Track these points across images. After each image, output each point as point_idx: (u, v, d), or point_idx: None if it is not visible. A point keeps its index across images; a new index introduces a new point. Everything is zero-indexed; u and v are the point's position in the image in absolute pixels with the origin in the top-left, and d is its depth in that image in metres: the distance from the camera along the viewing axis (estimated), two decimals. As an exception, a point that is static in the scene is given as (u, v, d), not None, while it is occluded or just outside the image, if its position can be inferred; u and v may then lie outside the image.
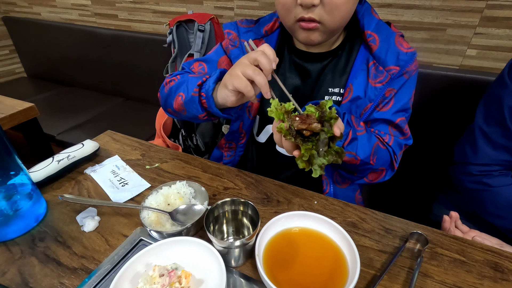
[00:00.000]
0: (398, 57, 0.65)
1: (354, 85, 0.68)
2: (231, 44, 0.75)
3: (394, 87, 0.67)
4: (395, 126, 0.70)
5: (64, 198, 0.56)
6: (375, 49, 0.66)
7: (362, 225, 0.59)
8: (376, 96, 0.67)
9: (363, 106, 0.68)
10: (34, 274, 0.50)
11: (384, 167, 0.70)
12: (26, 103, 1.11)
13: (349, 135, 0.61)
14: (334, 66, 0.72)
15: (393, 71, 0.65)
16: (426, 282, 0.48)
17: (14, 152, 0.57)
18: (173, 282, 0.44)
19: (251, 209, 0.52)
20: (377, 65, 0.67)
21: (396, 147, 0.70)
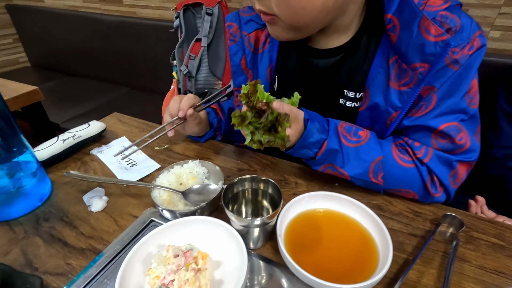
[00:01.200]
0: (424, 50, 0.46)
1: (370, 90, 0.54)
2: (230, 39, 0.66)
3: (433, 84, 0.49)
4: (441, 134, 0.51)
5: (70, 174, 0.52)
6: (394, 40, 0.50)
7: (388, 208, 0.55)
8: (404, 103, 0.51)
9: (387, 115, 0.54)
10: (39, 254, 0.46)
11: (410, 190, 0.55)
12: (30, 86, 1.08)
13: (324, 145, 0.52)
14: (348, 63, 0.58)
15: (421, 70, 0.48)
16: (464, 266, 0.44)
17: (18, 129, 0.53)
18: (189, 263, 0.40)
19: (272, 188, 0.48)
20: (399, 61, 0.50)
21: (436, 164, 0.53)
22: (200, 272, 0.39)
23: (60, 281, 0.43)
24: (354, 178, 0.55)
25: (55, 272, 0.44)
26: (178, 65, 1.46)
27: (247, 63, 0.66)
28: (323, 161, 0.54)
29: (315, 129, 0.52)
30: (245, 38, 0.64)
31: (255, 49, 0.65)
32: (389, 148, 0.55)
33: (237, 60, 0.67)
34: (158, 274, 0.39)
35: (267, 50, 0.64)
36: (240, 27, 0.65)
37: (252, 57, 0.65)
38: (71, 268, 0.44)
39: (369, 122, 0.58)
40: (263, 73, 0.66)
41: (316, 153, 0.53)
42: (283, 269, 0.44)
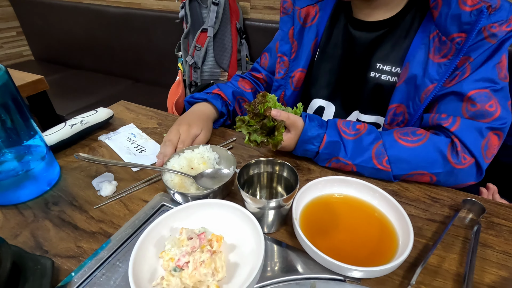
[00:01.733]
0: (460, 20, 0.50)
1: (410, 64, 0.56)
2: (283, 12, 0.70)
3: (469, 55, 0.51)
4: (471, 101, 0.52)
5: (80, 157, 0.51)
6: (436, 16, 0.53)
7: (404, 194, 0.54)
8: (441, 75, 0.53)
9: (423, 88, 0.55)
10: (49, 237, 0.45)
11: (426, 171, 0.53)
12: (35, 75, 1.07)
13: (324, 138, 0.55)
14: (389, 39, 0.61)
15: (458, 40, 0.50)
16: (486, 252, 0.43)
17: (29, 114, 0.52)
18: (204, 245, 0.39)
19: (287, 171, 0.47)
20: (440, 35, 0.53)
21: (464, 132, 0.51)
22: (216, 254, 0.38)
23: (71, 263, 0.42)
24: (360, 167, 0.55)
25: (66, 255, 0.43)
26: (183, 56, 1.45)
27: (294, 34, 0.69)
28: (328, 154, 0.56)
29: (313, 125, 0.56)
30: (296, 11, 0.68)
31: (304, 22, 0.69)
32: (390, 134, 0.56)
33: (285, 29, 0.70)
34: (172, 256, 0.38)
35: (315, 24, 0.69)
36: (294, 3, 0.69)
37: (300, 29, 0.69)
38: (82, 251, 0.43)
39: (404, 97, 0.58)
40: (307, 45, 0.70)
41: (319, 147, 0.56)
42: (299, 253, 0.43)
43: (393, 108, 0.60)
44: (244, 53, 1.48)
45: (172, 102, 1.39)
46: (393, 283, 0.39)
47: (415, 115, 0.58)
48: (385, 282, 0.39)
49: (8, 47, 2.37)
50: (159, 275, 0.38)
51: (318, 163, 0.60)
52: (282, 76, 0.74)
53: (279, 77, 0.74)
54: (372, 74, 0.63)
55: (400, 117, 0.60)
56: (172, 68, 1.70)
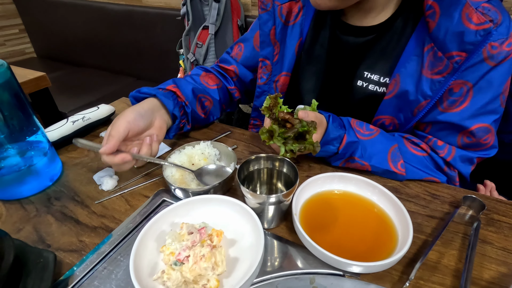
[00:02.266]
0: (463, 39, 0.45)
1: (401, 76, 0.53)
2: (262, 7, 0.63)
3: (468, 80, 0.49)
4: (469, 134, 0.52)
5: (78, 143, 0.51)
6: (432, 27, 0.49)
7: (404, 190, 0.54)
8: (435, 92, 0.51)
9: (415, 104, 0.53)
10: (51, 232, 0.46)
11: (435, 177, 0.55)
12: (37, 72, 1.07)
13: (344, 138, 0.52)
14: (377, 45, 0.57)
15: (457, 59, 0.47)
16: (486, 248, 0.43)
17: (31, 110, 0.52)
18: (204, 239, 0.39)
19: (287, 166, 0.47)
20: (435, 49, 0.49)
21: (459, 162, 0.55)
22: (216, 249, 0.38)
23: (73, 257, 0.42)
24: (375, 168, 0.55)
25: (68, 249, 0.43)
26: (185, 53, 1.45)
27: (276, 34, 0.63)
28: (344, 155, 0.55)
29: (335, 125, 0.53)
30: (277, 8, 0.61)
31: (286, 20, 0.63)
32: (401, 140, 0.57)
33: (266, 29, 0.63)
34: (173, 250, 0.38)
35: (298, 23, 0.63)
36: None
37: (282, 28, 0.63)
38: (84, 245, 0.44)
39: (394, 110, 0.57)
40: (291, 47, 0.64)
41: (338, 147, 0.53)
42: (298, 248, 0.43)
43: (381, 119, 0.59)
44: (246, 50, 1.47)
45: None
46: (392, 278, 0.39)
47: (406, 126, 0.58)
48: (384, 277, 0.39)
49: (11, 44, 2.38)
50: (159, 269, 0.39)
51: (331, 163, 0.58)
52: (265, 82, 0.68)
53: (261, 83, 0.69)
54: (359, 83, 0.59)
55: (390, 127, 0.60)
56: (173, 65, 1.70)
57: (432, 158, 0.56)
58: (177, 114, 0.61)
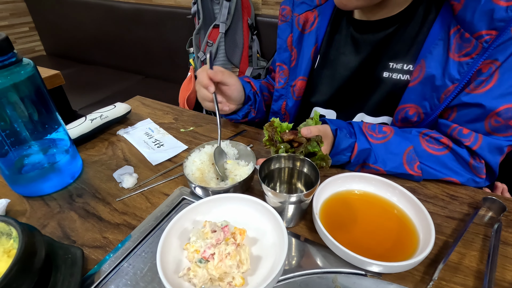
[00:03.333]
0: (493, 16, 0.45)
1: (427, 62, 0.52)
2: (281, 19, 0.69)
3: (496, 58, 0.47)
4: (496, 116, 0.49)
5: None
6: (458, 9, 0.48)
7: (422, 191, 0.54)
8: (464, 75, 0.49)
9: (442, 89, 0.52)
10: (75, 228, 0.47)
11: (453, 178, 0.54)
12: (52, 70, 1.08)
13: (355, 147, 0.53)
14: (400, 35, 0.57)
15: (486, 38, 0.46)
16: (507, 250, 0.43)
17: (53, 106, 0.53)
18: (228, 237, 0.40)
19: (308, 166, 0.47)
20: (462, 31, 0.48)
21: (487, 151, 0.51)
22: (240, 247, 0.39)
23: (98, 253, 0.43)
24: (391, 172, 0.55)
25: (93, 245, 0.44)
26: (195, 52, 1.46)
27: (293, 41, 0.68)
28: (358, 162, 0.55)
29: (343, 135, 0.53)
30: (295, 18, 0.67)
31: (303, 29, 0.67)
32: (417, 140, 0.55)
33: (283, 36, 0.69)
34: (198, 248, 0.39)
35: (314, 31, 0.66)
36: (293, 10, 0.68)
37: (298, 36, 0.67)
38: (108, 242, 0.45)
39: (418, 98, 0.55)
40: (307, 52, 0.67)
41: (350, 156, 0.54)
42: (319, 247, 0.44)
43: (404, 108, 0.58)
44: (255, 49, 1.48)
45: (183, 97, 1.40)
46: (413, 279, 0.39)
47: (432, 115, 0.56)
48: (406, 278, 0.40)
49: (21, 42, 2.41)
50: (184, 266, 0.39)
51: (345, 168, 0.58)
52: (282, 86, 0.72)
53: (279, 87, 0.72)
54: (385, 74, 0.59)
55: (414, 118, 0.58)
56: (182, 63, 1.71)
57: (455, 154, 0.54)
58: (251, 96, 0.72)
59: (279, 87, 0.72)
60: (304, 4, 0.67)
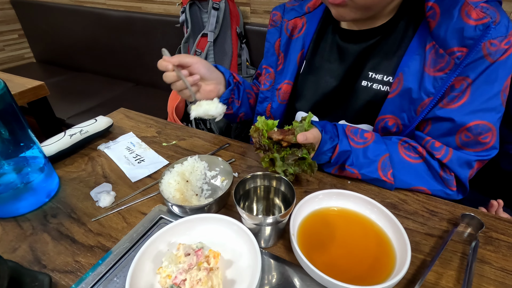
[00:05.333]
0: (463, 34, 0.47)
1: (404, 75, 0.54)
2: (271, 24, 0.72)
3: (468, 76, 0.49)
4: (467, 132, 0.51)
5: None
6: (433, 26, 0.50)
7: (403, 207, 0.54)
8: (437, 89, 0.51)
9: (418, 102, 0.54)
10: (47, 251, 0.46)
11: (424, 187, 0.56)
12: (36, 81, 1.07)
13: (336, 148, 0.55)
14: (381, 47, 0.58)
15: (458, 54, 0.48)
16: (484, 268, 0.43)
17: (26, 124, 0.52)
18: (201, 262, 0.39)
19: (284, 185, 0.47)
20: (436, 47, 0.50)
21: (456, 165, 0.53)
22: (213, 272, 0.38)
23: (68, 278, 0.42)
24: (365, 176, 0.56)
25: (64, 270, 0.43)
26: (184, 61, 1.45)
27: (280, 46, 0.70)
28: (336, 163, 0.57)
29: (327, 138, 0.55)
30: (284, 24, 0.70)
31: (291, 34, 0.70)
32: (395, 147, 0.57)
33: (272, 40, 0.72)
34: (169, 273, 0.38)
35: (301, 36, 0.68)
36: (283, 16, 0.71)
37: (286, 41, 0.70)
38: (80, 266, 0.43)
39: (396, 110, 0.57)
40: (293, 57, 0.69)
41: (330, 157, 0.56)
42: (296, 268, 0.43)
43: (384, 119, 0.59)
44: (245, 57, 1.48)
45: (172, 107, 1.39)
46: (390, 301, 0.39)
47: (410, 127, 0.58)
48: (382, 300, 0.39)
49: (10, 49, 2.38)
50: (156, 291, 0.38)
51: (323, 169, 0.60)
52: (267, 88, 0.73)
53: (264, 89, 0.74)
54: (363, 83, 0.61)
55: (393, 128, 0.59)
56: (172, 71, 1.70)
57: (428, 164, 0.56)
58: (231, 82, 0.71)
59: (264, 89, 0.74)
60: (293, 10, 0.70)
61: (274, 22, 0.72)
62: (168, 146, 0.71)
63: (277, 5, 0.73)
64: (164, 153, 0.68)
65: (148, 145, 0.71)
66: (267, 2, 1.41)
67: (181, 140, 0.73)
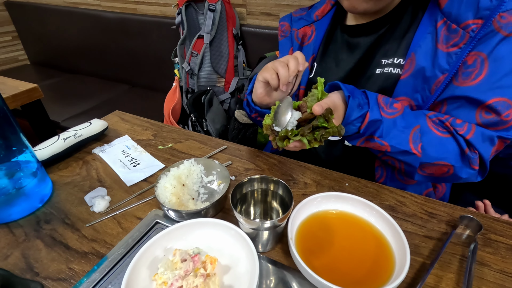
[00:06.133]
0: (478, 5, 0.47)
1: (417, 55, 0.54)
2: (281, 34, 0.74)
3: (481, 50, 0.49)
4: (487, 110, 0.50)
5: None
6: (444, 3, 0.51)
7: (401, 209, 0.53)
8: (452, 65, 0.51)
9: (433, 80, 0.53)
10: (40, 258, 0.45)
11: (446, 162, 0.53)
12: (29, 83, 1.06)
13: (366, 117, 0.51)
14: (391, 34, 0.59)
15: (473, 27, 0.48)
16: (483, 271, 0.42)
17: (18, 127, 0.51)
18: (198, 268, 0.38)
19: (282, 189, 0.46)
20: (448, 23, 0.51)
21: (480, 141, 0.52)
22: (210, 278, 0.37)
23: (62, 286, 0.41)
24: (394, 148, 0.53)
25: (57, 277, 0.42)
26: (180, 63, 1.44)
27: None
28: (364, 134, 0.53)
29: (355, 105, 0.51)
30: (294, 33, 0.72)
31: (301, 42, 0.72)
32: (424, 119, 0.55)
33: (285, 51, 0.74)
34: (165, 280, 0.37)
35: (312, 42, 0.71)
36: (291, 25, 0.73)
37: (298, 48, 0.73)
38: (74, 273, 0.42)
39: (410, 91, 0.56)
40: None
41: (359, 127, 0.52)
42: (294, 273, 0.43)
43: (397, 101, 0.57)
44: (241, 59, 1.47)
45: (168, 109, 1.38)
46: (389, 305, 0.38)
47: (424, 107, 0.56)
48: (382, 304, 0.38)
49: (4, 51, 2.35)
50: (152, 299, 0.37)
51: (348, 140, 0.57)
52: None
53: None
54: (378, 71, 0.60)
55: None
56: (168, 73, 1.69)
57: (455, 138, 0.53)
58: None
59: None
60: (302, 20, 0.73)
61: (284, 33, 0.74)
62: (164, 149, 0.70)
63: (284, 16, 0.76)
64: (160, 156, 0.67)
65: (144, 148, 0.70)
66: (263, 3, 1.40)
67: (177, 143, 0.72)
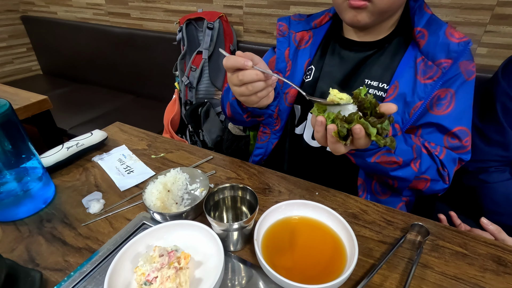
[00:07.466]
0: (449, 49, 0.60)
1: (400, 82, 0.63)
2: (279, 33, 0.79)
3: (450, 87, 0.61)
4: (453, 136, 0.63)
5: None
6: (423, 45, 0.62)
7: (363, 217, 0.59)
8: (427, 94, 0.61)
9: (412, 105, 0.62)
10: (41, 252, 0.52)
11: (428, 176, 0.63)
12: (40, 95, 1.15)
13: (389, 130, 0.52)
14: (377, 58, 0.68)
15: (444, 64, 0.60)
16: (426, 272, 0.48)
17: (27, 138, 0.59)
18: (172, 262, 0.45)
19: (249, 195, 0.53)
20: (425, 60, 0.62)
21: (448, 161, 0.64)
22: (181, 271, 0.44)
23: (58, 276, 0.48)
24: (404, 163, 0.59)
25: (54, 268, 0.49)
26: (180, 76, 1.53)
27: (289, 54, 0.78)
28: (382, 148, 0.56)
29: None
30: (292, 35, 0.78)
31: (298, 45, 0.78)
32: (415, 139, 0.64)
33: (282, 48, 0.78)
34: (144, 272, 0.44)
35: (308, 47, 0.77)
36: (289, 27, 0.78)
37: (294, 50, 0.77)
38: (69, 265, 0.49)
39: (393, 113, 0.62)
40: (300, 65, 0.77)
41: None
42: (260, 271, 0.48)
43: None
44: (238, 73, 1.55)
45: (168, 119, 1.46)
46: (337, 299, 0.44)
47: (403, 129, 0.65)
48: (330, 298, 0.44)
49: (19, 62, 2.50)
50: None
51: (363, 157, 0.58)
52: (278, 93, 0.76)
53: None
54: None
55: None
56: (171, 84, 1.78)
57: (432, 157, 0.63)
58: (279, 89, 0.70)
59: None
60: (300, 24, 0.79)
61: (282, 32, 0.78)
62: (156, 158, 0.77)
63: (282, 17, 0.80)
64: (152, 165, 0.74)
65: (138, 157, 0.77)
66: (258, 22, 1.50)
67: (168, 153, 0.79)
